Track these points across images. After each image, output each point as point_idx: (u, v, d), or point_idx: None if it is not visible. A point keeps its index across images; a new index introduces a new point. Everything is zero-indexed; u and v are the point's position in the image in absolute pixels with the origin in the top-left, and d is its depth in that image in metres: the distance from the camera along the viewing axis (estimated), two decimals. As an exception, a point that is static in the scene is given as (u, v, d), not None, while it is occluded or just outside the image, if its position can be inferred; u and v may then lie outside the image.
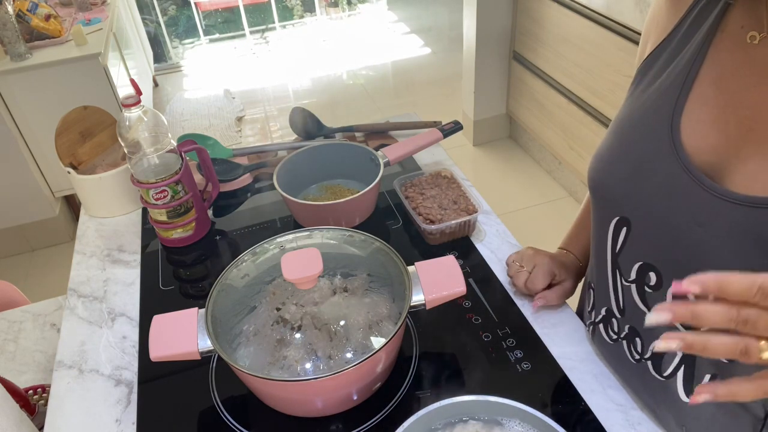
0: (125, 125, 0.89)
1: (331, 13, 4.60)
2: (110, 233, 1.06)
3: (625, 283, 0.64)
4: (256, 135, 3.21)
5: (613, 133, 0.64)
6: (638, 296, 0.62)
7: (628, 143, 0.61)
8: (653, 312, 0.44)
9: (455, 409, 0.60)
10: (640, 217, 0.60)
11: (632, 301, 0.63)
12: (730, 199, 0.51)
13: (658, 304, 0.45)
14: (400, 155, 1.04)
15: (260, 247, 0.77)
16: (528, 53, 2.45)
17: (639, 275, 0.61)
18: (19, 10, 2.15)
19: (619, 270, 0.64)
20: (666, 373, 0.62)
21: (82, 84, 2.14)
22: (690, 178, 0.54)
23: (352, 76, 3.78)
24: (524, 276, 0.81)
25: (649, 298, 0.61)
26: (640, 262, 0.60)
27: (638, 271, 0.61)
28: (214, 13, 4.36)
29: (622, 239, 0.62)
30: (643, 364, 0.65)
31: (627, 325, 0.66)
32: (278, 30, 4.45)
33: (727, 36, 0.55)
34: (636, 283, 0.62)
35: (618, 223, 0.62)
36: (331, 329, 0.69)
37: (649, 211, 0.58)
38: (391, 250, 0.74)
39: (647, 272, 0.60)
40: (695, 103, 0.56)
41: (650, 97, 0.60)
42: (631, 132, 0.61)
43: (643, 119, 0.60)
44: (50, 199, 2.36)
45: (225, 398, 0.74)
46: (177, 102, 3.53)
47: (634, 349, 0.66)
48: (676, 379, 0.61)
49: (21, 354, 1.26)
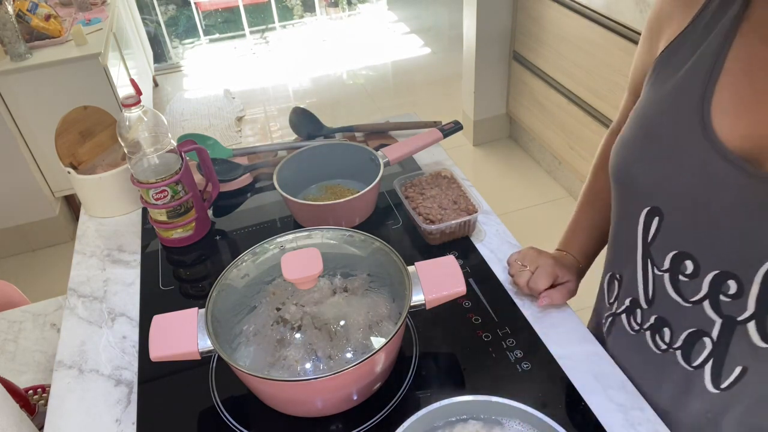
0: (125, 125, 0.89)
1: (331, 13, 4.60)
2: (110, 233, 1.06)
3: (657, 272, 0.63)
4: (256, 135, 3.21)
5: (637, 125, 0.63)
6: (671, 285, 0.62)
7: (656, 134, 0.61)
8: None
9: (455, 409, 0.60)
10: (673, 206, 0.59)
11: (663, 291, 0.63)
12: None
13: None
14: (400, 155, 1.04)
15: (260, 247, 0.77)
16: (528, 53, 2.45)
17: (673, 264, 0.61)
18: (19, 10, 2.15)
19: (651, 260, 0.64)
20: (695, 363, 0.62)
21: (82, 84, 2.14)
22: (728, 164, 0.54)
23: (352, 76, 3.78)
24: (526, 276, 0.81)
25: (683, 287, 0.60)
26: (675, 251, 0.60)
27: (672, 260, 0.61)
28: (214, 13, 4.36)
29: (654, 229, 0.62)
30: (671, 354, 0.65)
31: (654, 315, 0.66)
32: (278, 30, 4.45)
33: (754, 24, 0.55)
34: (670, 272, 0.61)
35: (649, 213, 0.62)
36: (331, 329, 0.69)
37: (684, 201, 0.58)
38: (391, 250, 0.74)
39: (683, 261, 0.59)
40: (724, 92, 0.56)
41: (675, 88, 0.60)
42: (658, 123, 0.61)
43: (670, 109, 0.60)
44: (50, 199, 2.36)
45: (225, 398, 0.74)
46: (177, 102, 3.53)
47: (660, 339, 0.66)
48: (704, 370, 0.62)
49: (21, 354, 1.26)
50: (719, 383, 0.61)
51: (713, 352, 0.60)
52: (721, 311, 0.57)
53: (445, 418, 0.60)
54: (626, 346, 0.73)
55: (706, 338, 0.60)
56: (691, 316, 0.60)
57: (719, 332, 0.58)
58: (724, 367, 0.60)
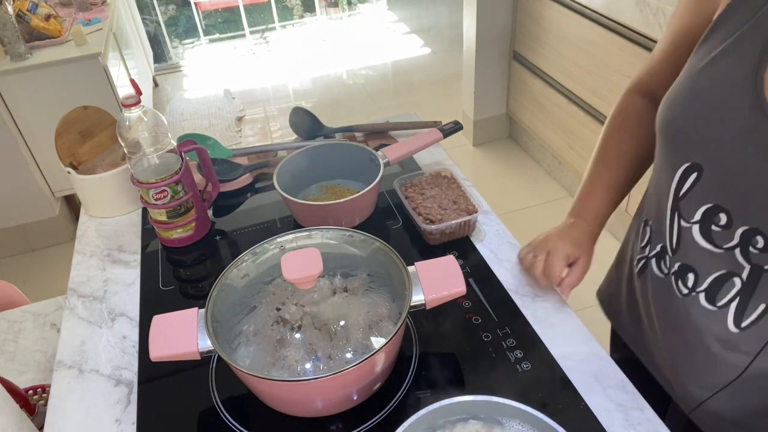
0: (125, 125, 0.89)
1: (331, 13, 4.60)
2: (110, 233, 1.06)
3: (684, 224, 0.65)
4: (256, 135, 3.21)
5: (690, 82, 0.64)
6: (702, 236, 0.63)
7: (708, 93, 0.61)
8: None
9: (455, 409, 0.60)
10: (715, 162, 0.61)
11: (691, 240, 0.65)
12: None
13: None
14: (400, 155, 1.04)
15: (260, 247, 0.77)
16: (528, 53, 2.45)
17: (706, 216, 0.63)
18: (19, 10, 2.15)
19: (679, 212, 0.66)
20: (720, 302, 0.64)
21: (82, 84, 2.14)
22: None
23: (352, 76, 3.78)
24: (540, 265, 0.81)
25: (715, 235, 0.62)
26: (709, 204, 0.62)
27: (705, 213, 0.62)
28: (214, 13, 4.36)
29: (689, 184, 0.64)
30: (694, 297, 0.66)
31: (678, 262, 0.67)
32: (278, 30, 4.45)
33: None
34: (701, 223, 0.63)
35: (687, 169, 0.63)
36: (331, 329, 0.69)
37: (727, 157, 0.59)
38: (391, 250, 0.74)
39: (717, 213, 0.61)
40: None
41: (731, 48, 0.60)
42: (710, 79, 0.61)
43: (723, 71, 0.60)
44: (50, 199, 2.36)
45: (225, 398, 0.74)
46: (177, 102, 3.53)
47: (683, 284, 0.67)
48: (729, 310, 0.63)
49: (21, 354, 1.26)
50: (741, 320, 0.63)
51: (741, 292, 0.62)
52: (750, 259, 0.60)
53: (445, 418, 0.60)
54: (654, 289, 0.74)
55: (736, 278, 0.62)
56: (723, 261, 0.62)
57: (748, 274, 0.61)
58: (749, 306, 0.62)
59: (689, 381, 0.72)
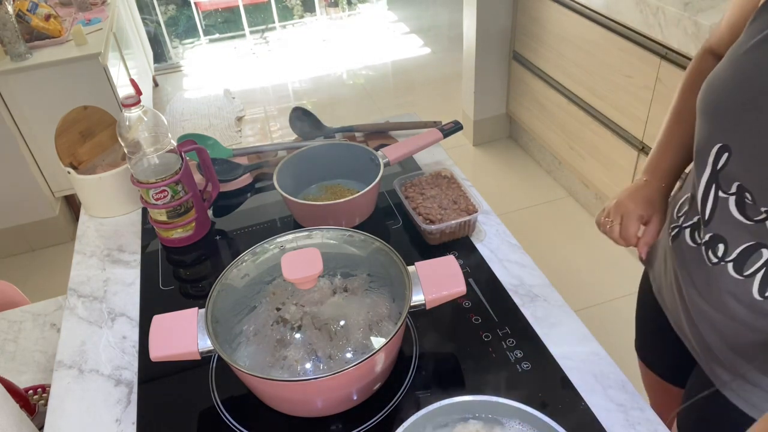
0: (125, 125, 0.89)
1: (331, 13, 4.60)
2: (110, 233, 1.06)
3: (722, 195, 0.67)
4: (256, 135, 3.21)
5: (732, 64, 0.66)
6: (736, 207, 0.65)
7: (746, 76, 0.63)
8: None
9: (455, 409, 0.60)
10: (745, 146, 0.63)
11: (726, 211, 0.67)
12: None
13: None
14: (400, 155, 1.04)
15: (260, 247, 0.77)
16: (528, 53, 2.45)
17: (738, 192, 0.65)
18: (19, 10, 2.15)
19: (718, 183, 0.68)
20: (747, 272, 0.66)
21: (82, 84, 2.14)
22: None
23: (352, 76, 3.78)
24: (617, 229, 0.83)
25: (748, 208, 0.64)
26: (738, 182, 0.64)
27: (738, 187, 0.65)
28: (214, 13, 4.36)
29: (724, 161, 0.66)
30: (723, 266, 0.69)
31: (710, 233, 0.69)
32: (278, 30, 4.45)
33: None
34: (737, 195, 0.65)
35: (720, 150, 0.66)
36: (331, 329, 0.69)
37: (755, 142, 0.61)
38: (391, 250, 0.74)
39: (744, 192, 0.64)
40: None
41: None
42: (750, 65, 0.63)
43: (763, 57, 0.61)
44: (50, 199, 2.36)
45: (225, 398, 0.74)
46: (177, 102, 3.53)
47: (713, 254, 0.70)
48: (755, 279, 0.66)
49: (21, 354, 1.26)
50: (765, 291, 0.66)
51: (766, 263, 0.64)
52: None
53: (445, 418, 0.60)
54: (685, 258, 0.76)
55: (764, 249, 0.64)
56: (752, 232, 0.65)
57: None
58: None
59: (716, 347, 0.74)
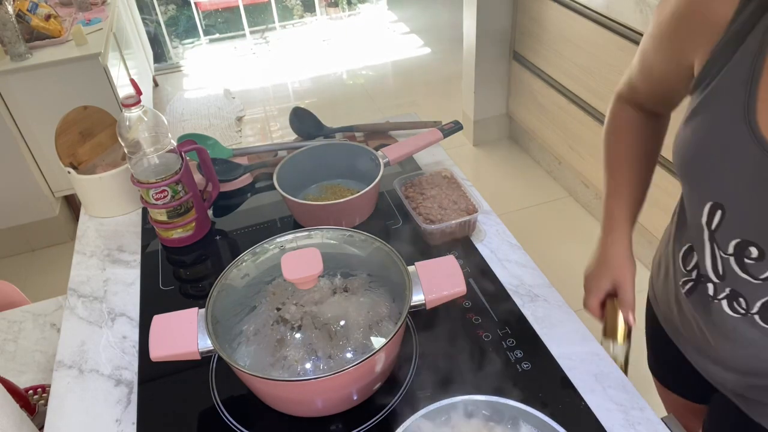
0: (125, 125, 0.89)
1: (331, 13, 4.60)
2: (110, 233, 1.06)
3: (723, 255, 0.65)
4: (256, 135, 3.21)
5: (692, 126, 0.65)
6: (738, 267, 0.64)
7: (707, 136, 0.62)
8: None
9: (455, 409, 0.60)
10: (733, 201, 0.61)
11: (732, 270, 0.65)
12: None
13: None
14: (400, 155, 1.04)
15: (260, 247, 0.77)
16: (528, 53, 2.45)
17: (738, 250, 0.63)
18: (19, 10, 2.15)
19: (717, 244, 0.66)
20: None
21: (82, 84, 2.14)
22: None
23: (352, 76, 3.78)
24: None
25: (750, 267, 0.63)
26: (738, 239, 0.62)
27: (736, 246, 0.63)
28: (214, 13, 4.36)
29: (717, 220, 0.64)
30: (750, 317, 0.67)
31: (728, 288, 0.67)
32: (278, 30, 4.45)
33: None
34: (735, 256, 0.64)
35: (712, 207, 0.64)
36: (331, 329, 0.69)
37: (743, 198, 0.60)
38: (391, 250, 0.74)
39: (747, 247, 0.62)
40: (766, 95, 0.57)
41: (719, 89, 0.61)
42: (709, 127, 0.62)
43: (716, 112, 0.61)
44: (50, 199, 2.36)
45: (225, 398, 0.74)
46: (177, 102, 3.53)
47: (738, 305, 0.67)
48: None
49: (21, 354, 1.26)
50: None
51: None
52: None
53: (445, 418, 0.60)
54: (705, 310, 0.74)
55: None
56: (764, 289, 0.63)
57: None
58: None
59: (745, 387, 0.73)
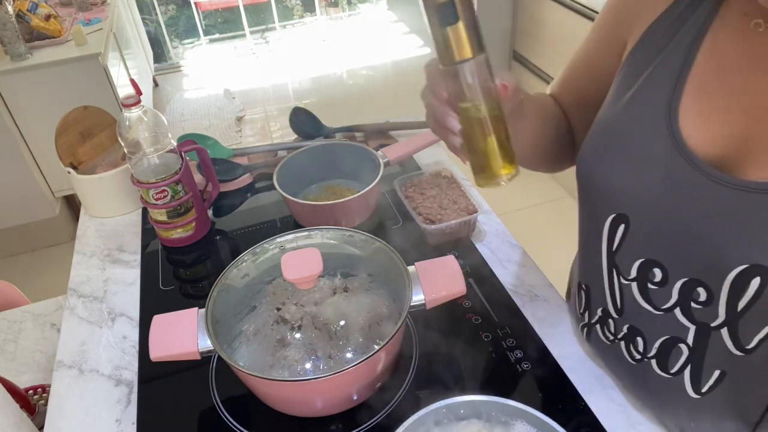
0: (125, 125, 0.89)
1: (331, 13, 4.60)
2: (110, 233, 1.06)
3: (624, 281, 0.61)
4: (256, 135, 3.21)
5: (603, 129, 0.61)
6: (640, 294, 0.59)
7: (623, 137, 0.58)
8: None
9: (455, 409, 0.60)
10: (640, 213, 0.57)
11: (632, 300, 0.61)
12: (742, 187, 0.49)
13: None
14: (400, 155, 1.04)
15: (260, 247, 0.77)
16: (528, 53, 2.45)
17: (641, 272, 0.58)
18: (19, 10, 2.15)
19: (617, 269, 0.61)
20: (673, 370, 0.60)
21: (82, 84, 2.14)
22: (696, 170, 0.52)
23: (352, 76, 3.77)
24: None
25: (652, 294, 0.58)
26: (642, 259, 0.58)
27: (639, 268, 0.58)
28: (214, 13, 4.36)
29: (620, 237, 0.60)
30: (646, 363, 0.62)
31: (626, 325, 0.63)
32: (278, 30, 4.45)
33: (727, 24, 0.53)
34: (638, 281, 0.59)
35: (614, 221, 0.59)
36: (331, 329, 0.69)
37: (652, 207, 0.56)
38: (391, 250, 0.74)
39: (651, 269, 0.57)
40: (693, 93, 0.54)
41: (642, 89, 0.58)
42: (624, 125, 0.59)
43: (636, 112, 0.58)
44: (50, 199, 2.36)
45: (225, 398, 0.74)
46: (177, 102, 3.53)
47: (634, 349, 0.63)
48: (683, 376, 0.59)
49: (21, 354, 1.26)
50: (700, 388, 0.59)
51: (690, 359, 0.58)
52: (694, 318, 0.55)
53: (446, 418, 0.60)
54: (605, 356, 0.71)
55: (681, 344, 0.58)
56: (664, 324, 0.58)
57: (694, 338, 0.56)
58: (703, 372, 0.57)
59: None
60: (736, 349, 0.53)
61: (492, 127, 0.53)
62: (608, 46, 0.66)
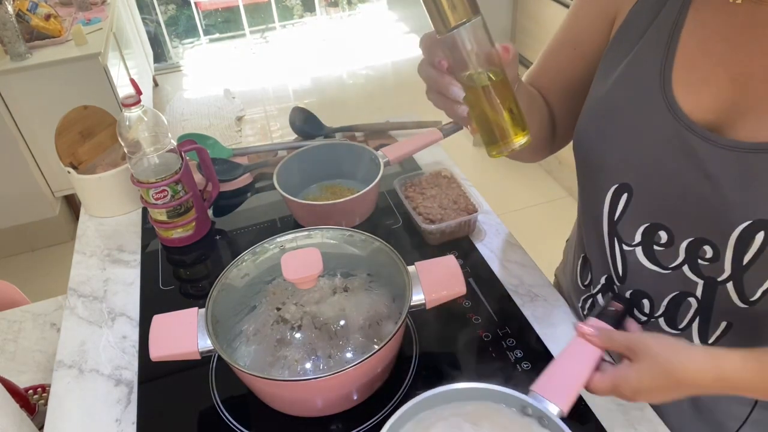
0: (125, 125, 0.89)
1: (331, 13, 4.60)
2: (110, 233, 1.06)
3: (626, 248, 0.64)
4: (256, 135, 3.21)
5: (600, 103, 0.63)
6: (646, 257, 0.62)
7: (620, 111, 0.61)
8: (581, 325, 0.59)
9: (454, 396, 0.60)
10: (643, 181, 0.60)
11: (637, 264, 0.63)
12: (739, 148, 0.52)
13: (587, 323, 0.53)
14: (400, 155, 1.04)
15: (260, 247, 0.77)
16: (528, 53, 2.45)
17: (646, 237, 0.61)
18: (19, 10, 2.15)
19: (618, 237, 0.64)
20: (682, 325, 0.63)
21: (82, 84, 2.14)
22: (694, 135, 0.55)
23: (352, 76, 3.77)
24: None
25: (659, 255, 0.61)
26: (647, 223, 0.61)
27: (644, 233, 0.61)
28: (214, 12, 4.36)
29: (622, 206, 0.62)
30: (653, 323, 0.65)
31: (630, 290, 0.66)
32: (278, 30, 4.45)
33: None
34: (642, 245, 0.62)
35: (617, 191, 0.62)
36: (331, 329, 0.69)
37: (654, 173, 0.58)
38: (391, 250, 0.74)
39: (656, 232, 0.60)
40: (682, 66, 0.57)
41: (634, 63, 0.60)
42: (619, 98, 0.61)
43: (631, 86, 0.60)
44: (50, 199, 2.36)
45: (225, 398, 0.74)
46: (177, 102, 3.53)
47: (639, 312, 0.66)
48: (692, 329, 0.62)
49: (21, 354, 1.26)
50: (707, 339, 0.62)
51: (699, 311, 0.61)
52: (702, 273, 0.58)
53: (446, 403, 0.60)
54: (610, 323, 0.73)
55: (690, 298, 0.61)
56: (673, 281, 0.61)
57: (703, 291, 0.59)
58: (711, 323, 0.61)
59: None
60: (741, 302, 0.57)
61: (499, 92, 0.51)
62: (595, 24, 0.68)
